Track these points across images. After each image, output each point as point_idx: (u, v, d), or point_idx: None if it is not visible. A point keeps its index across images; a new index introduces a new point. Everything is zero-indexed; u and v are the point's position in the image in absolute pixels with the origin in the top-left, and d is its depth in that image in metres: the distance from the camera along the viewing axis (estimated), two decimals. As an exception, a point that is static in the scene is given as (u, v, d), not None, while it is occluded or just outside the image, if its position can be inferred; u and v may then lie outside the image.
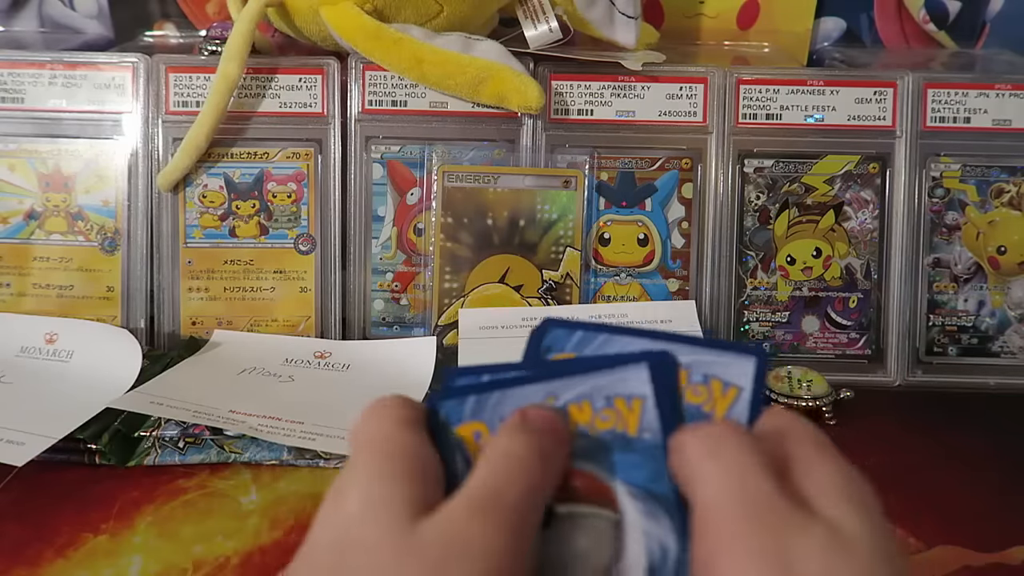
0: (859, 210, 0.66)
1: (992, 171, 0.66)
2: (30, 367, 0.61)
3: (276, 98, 0.66)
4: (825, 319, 0.66)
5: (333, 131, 0.66)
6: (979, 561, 0.47)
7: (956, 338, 0.66)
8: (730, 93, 0.66)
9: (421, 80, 0.63)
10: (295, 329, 0.66)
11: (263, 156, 0.66)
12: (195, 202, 0.66)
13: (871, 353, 0.66)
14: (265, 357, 0.63)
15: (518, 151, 0.65)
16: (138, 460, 0.53)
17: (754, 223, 0.66)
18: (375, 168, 0.66)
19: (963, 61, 0.78)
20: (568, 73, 0.66)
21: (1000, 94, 0.65)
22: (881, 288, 0.66)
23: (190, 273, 0.66)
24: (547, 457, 0.27)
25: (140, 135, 0.66)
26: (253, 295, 0.66)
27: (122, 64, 0.66)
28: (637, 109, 0.66)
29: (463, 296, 0.65)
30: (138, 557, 0.46)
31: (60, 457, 0.52)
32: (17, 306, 0.66)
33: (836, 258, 0.66)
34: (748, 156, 0.66)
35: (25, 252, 0.66)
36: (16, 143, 0.66)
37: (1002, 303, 0.66)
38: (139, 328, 0.65)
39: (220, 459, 0.53)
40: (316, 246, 0.66)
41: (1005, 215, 0.66)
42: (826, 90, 0.65)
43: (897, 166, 0.65)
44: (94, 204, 0.66)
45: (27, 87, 0.66)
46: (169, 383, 0.58)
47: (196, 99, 0.65)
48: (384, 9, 0.62)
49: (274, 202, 0.66)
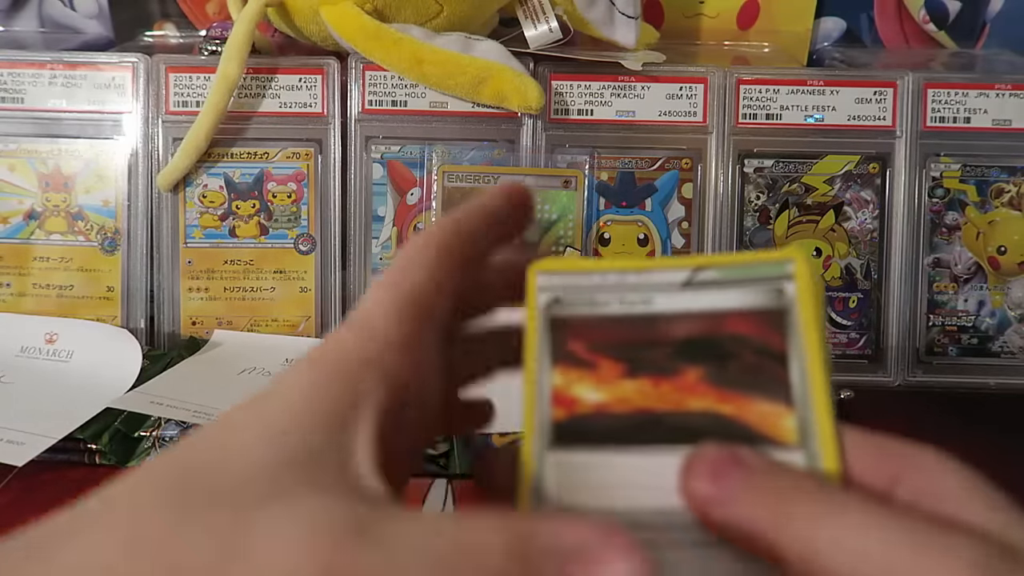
0: (859, 210, 0.66)
1: (992, 171, 0.66)
2: (30, 367, 0.61)
3: (276, 98, 0.66)
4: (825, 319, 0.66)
5: (333, 131, 0.66)
6: (979, 561, 0.47)
7: (956, 338, 0.66)
8: (730, 93, 0.66)
9: (421, 80, 0.63)
10: (295, 329, 0.66)
11: (263, 156, 0.66)
12: (195, 202, 0.66)
13: (871, 353, 0.66)
14: (265, 357, 0.63)
15: (518, 151, 0.65)
16: (138, 460, 0.53)
17: (754, 223, 0.66)
18: (375, 168, 0.66)
19: (963, 61, 0.78)
20: (568, 73, 0.66)
21: (1000, 94, 0.65)
22: (881, 288, 0.66)
23: (190, 273, 0.66)
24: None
25: (140, 135, 0.66)
26: (253, 295, 0.66)
27: (122, 64, 0.66)
28: (637, 109, 0.66)
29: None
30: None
31: (60, 457, 0.52)
32: (17, 306, 0.66)
33: (836, 258, 0.66)
34: (748, 156, 0.66)
35: (25, 252, 0.66)
36: (16, 143, 0.66)
37: (1002, 303, 0.66)
38: (139, 328, 0.65)
39: (220, 459, 0.53)
40: (316, 246, 0.66)
41: (1005, 215, 0.66)
42: (826, 90, 0.65)
43: (897, 166, 0.65)
44: (94, 204, 0.66)
45: (27, 87, 0.66)
46: (169, 383, 0.58)
47: (196, 99, 0.65)
48: (384, 9, 0.62)
49: (274, 202, 0.66)
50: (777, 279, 0.26)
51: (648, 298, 0.27)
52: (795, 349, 0.25)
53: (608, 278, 0.27)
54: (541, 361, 0.27)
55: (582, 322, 0.27)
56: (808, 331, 0.25)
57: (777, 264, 0.26)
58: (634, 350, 0.26)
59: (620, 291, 0.27)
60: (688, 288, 0.27)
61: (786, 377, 0.25)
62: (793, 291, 0.26)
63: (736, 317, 0.26)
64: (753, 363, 0.25)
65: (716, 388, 0.25)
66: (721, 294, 0.26)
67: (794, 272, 0.26)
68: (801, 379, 0.25)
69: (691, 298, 0.26)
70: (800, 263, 0.26)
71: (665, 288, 0.27)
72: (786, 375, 0.25)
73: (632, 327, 0.26)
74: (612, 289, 0.27)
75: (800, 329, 0.25)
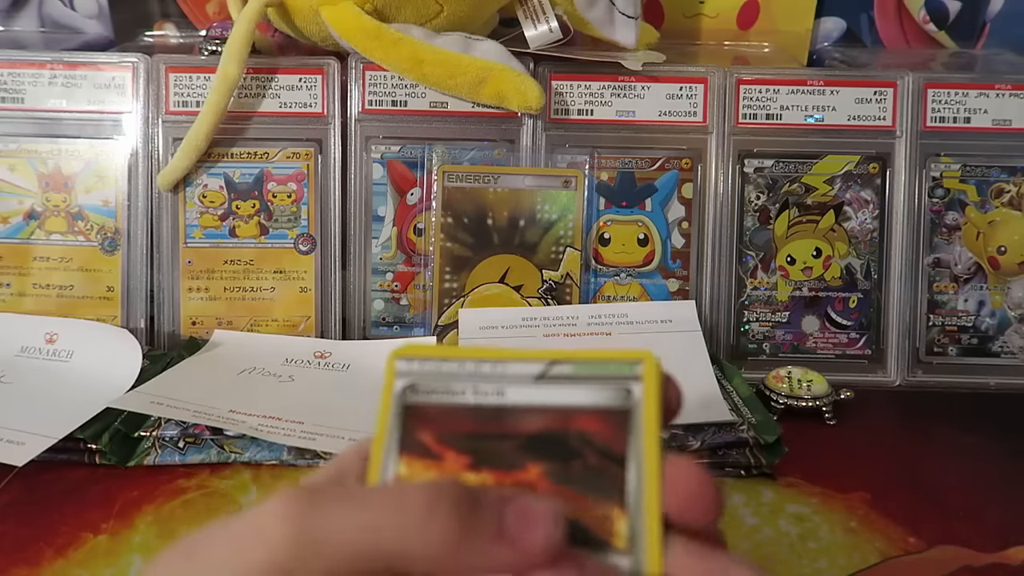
0: (859, 210, 0.66)
1: (992, 171, 0.66)
2: (30, 367, 0.61)
3: (276, 98, 0.66)
4: (825, 319, 0.66)
5: (333, 131, 0.66)
6: (979, 561, 0.47)
7: (956, 338, 0.66)
8: (730, 93, 0.66)
9: (421, 80, 0.63)
10: (295, 329, 0.66)
11: (263, 156, 0.66)
12: (195, 202, 0.66)
13: (871, 353, 0.66)
14: (265, 357, 0.63)
15: (518, 151, 0.65)
16: (138, 460, 0.53)
17: (754, 223, 0.66)
18: (375, 168, 0.66)
19: (963, 61, 0.78)
20: (568, 73, 0.66)
21: (1000, 94, 0.65)
22: (881, 288, 0.66)
23: (190, 273, 0.66)
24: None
25: (140, 135, 0.66)
26: (253, 295, 0.66)
27: (122, 64, 0.66)
28: (637, 109, 0.66)
29: (463, 296, 0.65)
30: (138, 557, 0.46)
31: (60, 457, 0.52)
32: (17, 306, 0.66)
33: (836, 258, 0.66)
34: (748, 156, 0.66)
35: (25, 252, 0.66)
36: (16, 143, 0.66)
37: (1002, 303, 0.66)
38: (139, 328, 0.65)
39: (220, 459, 0.53)
40: (316, 246, 0.66)
41: (1005, 215, 0.66)
42: (826, 90, 0.65)
43: (897, 166, 0.65)
44: (94, 204, 0.66)
45: (27, 87, 0.66)
46: (169, 383, 0.58)
47: (196, 99, 0.65)
48: (384, 9, 0.62)
49: (274, 202, 0.66)
50: (626, 379, 0.27)
51: (501, 389, 0.27)
52: (635, 451, 0.26)
53: (465, 366, 0.28)
54: (389, 449, 0.27)
55: (434, 411, 0.27)
56: (648, 434, 0.26)
57: (628, 364, 0.27)
58: (481, 442, 0.27)
59: (475, 380, 0.28)
60: (541, 382, 0.27)
61: (623, 480, 0.26)
62: (640, 392, 0.27)
63: (584, 414, 0.27)
64: (595, 464, 0.26)
65: (556, 486, 0.26)
66: (572, 390, 0.27)
67: (642, 373, 0.27)
68: (637, 483, 0.26)
69: (543, 392, 0.27)
70: (648, 364, 0.27)
71: (518, 380, 0.27)
72: (623, 478, 0.26)
73: (482, 418, 0.27)
74: (467, 378, 0.28)
75: (641, 431, 0.26)
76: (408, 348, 0.29)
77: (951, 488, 0.53)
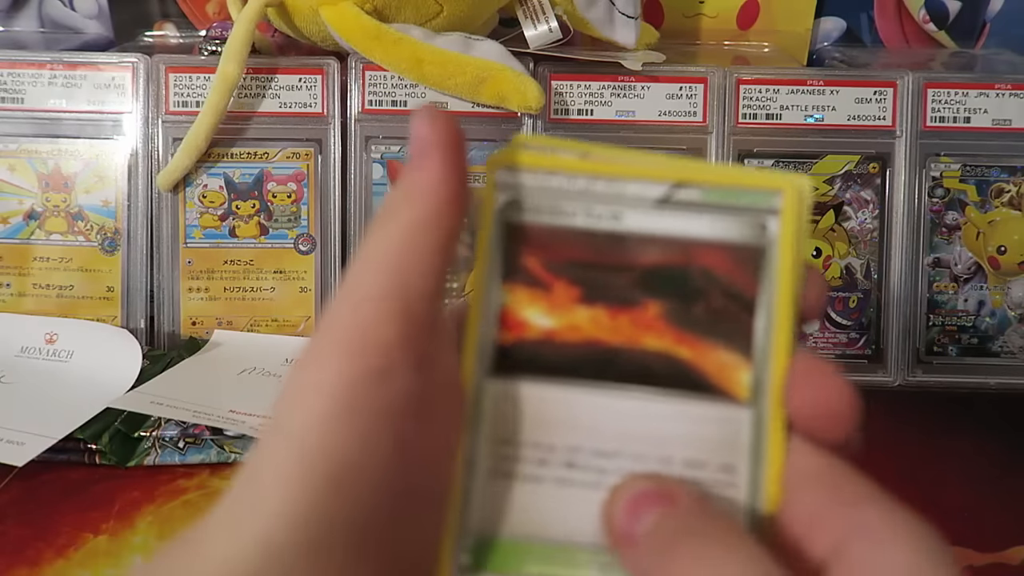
0: (859, 210, 0.66)
1: (992, 171, 0.66)
2: (30, 367, 0.61)
3: (276, 98, 0.66)
4: (825, 319, 0.66)
5: (333, 131, 0.66)
6: (979, 561, 0.47)
7: (956, 338, 0.66)
8: (730, 93, 0.66)
9: (421, 80, 0.63)
10: (295, 329, 0.66)
11: (263, 156, 0.66)
12: (195, 202, 0.66)
13: (871, 353, 0.66)
14: (265, 357, 0.63)
15: (518, 151, 0.65)
16: (138, 460, 0.53)
17: (754, 223, 0.66)
18: (375, 168, 0.66)
19: (963, 61, 0.78)
20: (568, 73, 0.66)
21: (1000, 94, 0.65)
22: (881, 288, 0.66)
23: (190, 273, 0.66)
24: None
25: (140, 135, 0.66)
26: (253, 295, 0.66)
27: (122, 64, 0.66)
28: (637, 109, 0.66)
29: (463, 296, 0.65)
30: (138, 557, 0.46)
31: (60, 457, 0.52)
32: (17, 306, 0.66)
33: (836, 258, 0.66)
34: (748, 156, 0.66)
35: (25, 252, 0.66)
36: (16, 143, 0.66)
37: (1002, 303, 0.66)
38: (139, 328, 0.65)
39: (220, 459, 0.53)
40: (316, 246, 0.66)
41: (1005, 215, 0.66)
42: (826, 90, 0.65)
43: (897, 166, 0.65)
44: (94, 204, 0.66)
45: (27, 87, 0.66)
46: (169, 383, 0.58)
47: (196, 99, 0.65)
48: (384, 9, 0.62)
49: (274, 202, 0.66)
50: (762, 212, 0.24)
51: (618, 213, 0.24)
52: (766, 298, 0.24)
53: (576, 182, 0.25)
54: (491, 274, 0.25)
55: (541, 232, 0.25)
56: (782, 280, 0.24)
57: (765, 194, 0.24)
58: (594, 273, 0.24)
59: (588, 200, 0.25)
60: (663, 207, 0.24)
61: (751, 327, 0.24)
62: (776, 229, 0.24)
63: (710, 249, 0.24)
64: (719, 306, 0.24)
65: (676, 328, 0.24)
66: (698, 219, 0.24)
67: (781, 207, 0.24)
68: (766, 333, 0.24)
69: (665, 219, 0.24)
70: (789, 196, 0.24)
71: (638, 204, 0.24)
72: (751, 325, 0.24)
73: (595, 245, 0.24)
74: (579, 197, 0.25)
75: (775, 276, 0.24)
76: (507, 155, 0.25)
77: (951, 488, 0.53)
